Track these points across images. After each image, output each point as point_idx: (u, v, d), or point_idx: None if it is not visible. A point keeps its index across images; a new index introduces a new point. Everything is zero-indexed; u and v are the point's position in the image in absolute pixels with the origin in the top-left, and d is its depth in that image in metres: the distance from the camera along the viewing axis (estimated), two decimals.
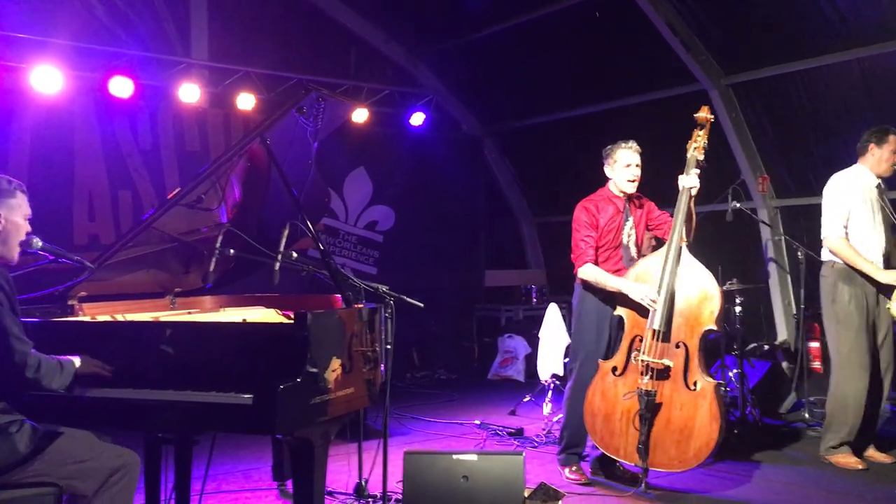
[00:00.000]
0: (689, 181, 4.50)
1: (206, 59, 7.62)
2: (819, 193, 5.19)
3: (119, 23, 7.21)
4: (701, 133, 4.59)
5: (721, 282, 5.96)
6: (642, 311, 4.43)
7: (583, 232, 4.63)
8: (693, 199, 4.51)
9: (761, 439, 5.58)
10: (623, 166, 4.67)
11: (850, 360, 4.87)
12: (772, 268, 7.40)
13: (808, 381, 6.30)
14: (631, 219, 4.74)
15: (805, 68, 6.60)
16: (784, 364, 6.77)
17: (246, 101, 7.48)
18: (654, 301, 4.35)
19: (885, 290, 4.83)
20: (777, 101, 6.96)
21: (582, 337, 4.74)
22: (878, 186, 4.98)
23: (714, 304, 4.37)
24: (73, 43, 6.77)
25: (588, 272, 4.59)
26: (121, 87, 6.71)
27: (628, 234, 4.72)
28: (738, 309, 5.92)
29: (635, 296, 4.40)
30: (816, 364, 6.59)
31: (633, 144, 4.71)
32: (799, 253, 6.25)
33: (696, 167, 4.54)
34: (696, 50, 6.95)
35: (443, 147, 9.29)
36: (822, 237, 5.03)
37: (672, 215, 4.59)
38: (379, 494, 4.06)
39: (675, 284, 4.40)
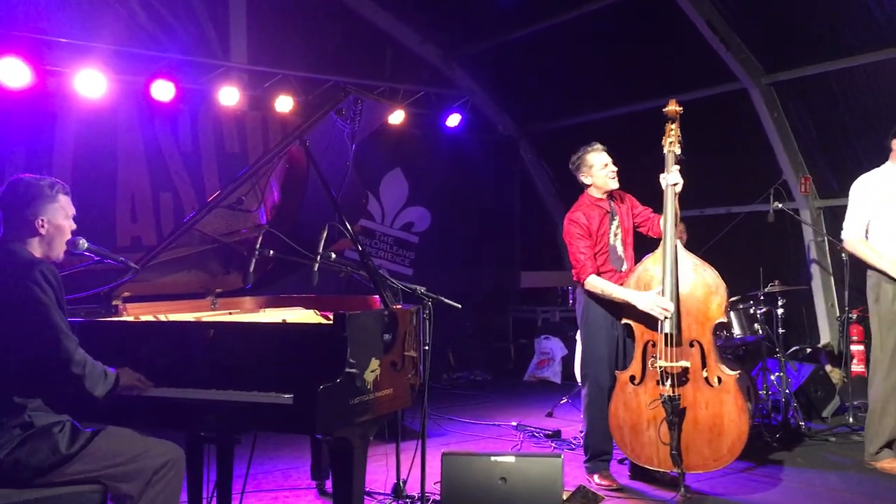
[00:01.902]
0: (671, 178, 4.42)
1: (244, 62, 7.71)
2: None
3: (160, 27, 7.33)
4: (673, 127, 4.51)
5: (763, 283, 5.90)
6: (649, 316, 4.35)
7: (579, 244, 4.57)
8: (678, 195, 4.44)
9: (804, 444, 5.48)
10: (601, 167, 4.63)
11: (891, 360, 4.78)
12: (814, 269, 7.28)
13: (852, 385, 6.18)
14: (616, 218, 4.70)
15: (848, 66, 6.49)
16: (827, 367, 6.65)
17: (284, 104, 7.55)
18: (666, 310, 4.27)
19: None
20: (819, 99, 6.84)
21: (592, 343, 4.68)
22: None
23: (720, 296, 4.32)
24: (116, 47, 6.89)
25: (594, 284, 4.53)
26: (162, 90, 6.82)
27: (615, 234, 4.69)
28: (780, 311, 5.83)
29: (645, 306, 4.32)
30: (860, 368, 6.46)
31: (598, 146, 4.70)
32: (843, 254, 6.13)
33: (676, 163, 4.46)
34: (737, 48, 6.86)
35: (478, 148, 9.28)
36: (840, 238, 4.99)
37: (675, 213, 4.45)
38: (417, 495, 4.07)
39: (678, 284, 4.35)
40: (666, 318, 4.29)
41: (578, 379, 6.26)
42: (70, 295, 3.13)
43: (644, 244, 4.87)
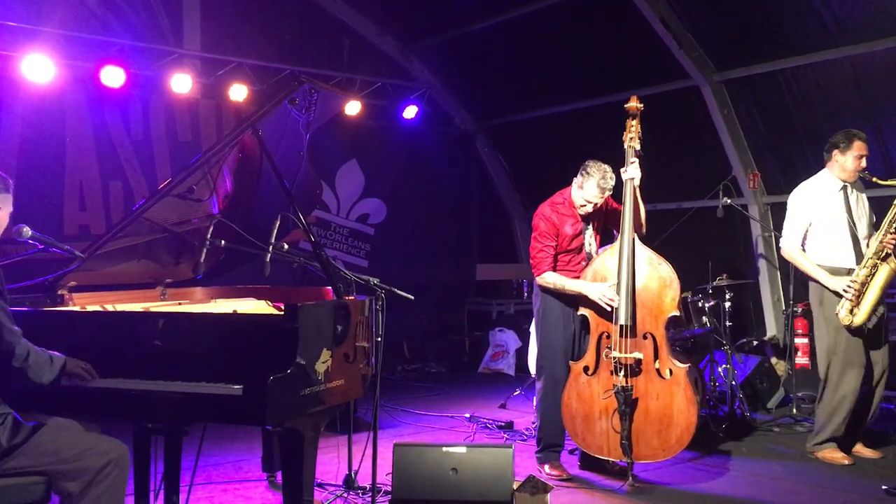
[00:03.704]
0: (630, 173, 4.50)
1: (198, 49, 7.59)
2: None
3: (111, 12, 7.17)
4: (634, 123, 4.60)
5: (711, 277, 6.01)
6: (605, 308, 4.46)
7: (543, 241, 4.63)
8: (637, 189, 4.52)
9: (749, 434, 5.61)
10: (582, 199, 4.59)
11: (847, 360, 4.84)
12: (762, 264, 7.44)
13: (796, 377, 6.34)
14: (590, 228, 4.75)
15: (797, 65, 6.63)
16: (773, 359, 6.82)
17: (238, 93, 7.45)
18: (612, 300, 4.37)
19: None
20: (769, 97, 6.99)
21: (548, 336, 4.75)
22: (844, 189, 4.92)
23: (674, 290, 4.43)
24: (65, 32, 6.73)
25: (548, 279, 4.61)
26: (112, 76, 6.68)
27: (589, 243, 4.75)
28: (727, 304, 5.95)
29: (593, 296, 4.42)
30: (804, 360, 6.63)
31: (608, 183, 4.53)
32: None
33: (635, 157, 4.54)
34: (689, 46, 6.96)
35: (435, 140, 9.28)
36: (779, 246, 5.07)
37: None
38: (368, 486, 4.07)
39: (634, 277, 4.43)
40: (612, 307, 4.37)
41: (532, 371, 6.33)
42: (13, 284, 3.07)
43: (608, 234, 4.92)
